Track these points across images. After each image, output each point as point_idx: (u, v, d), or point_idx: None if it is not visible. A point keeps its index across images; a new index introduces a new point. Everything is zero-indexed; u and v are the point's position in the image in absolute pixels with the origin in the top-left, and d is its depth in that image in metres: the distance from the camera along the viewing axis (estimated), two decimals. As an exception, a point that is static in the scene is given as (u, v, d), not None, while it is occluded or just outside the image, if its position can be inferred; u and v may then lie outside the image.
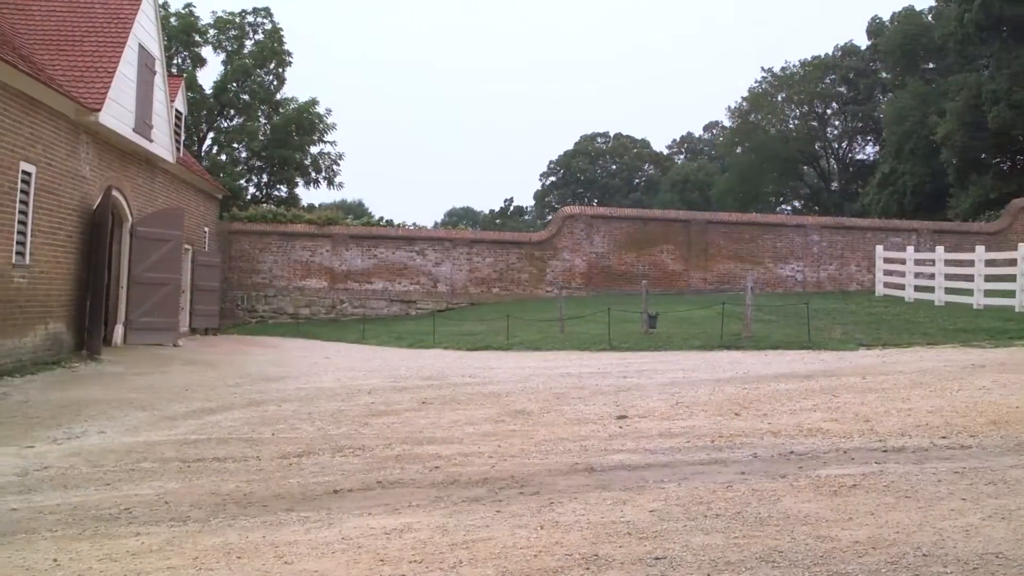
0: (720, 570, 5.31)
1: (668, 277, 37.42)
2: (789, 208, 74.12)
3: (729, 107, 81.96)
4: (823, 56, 67.74)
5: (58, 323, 19.65)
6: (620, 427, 10.81)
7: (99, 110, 20.01)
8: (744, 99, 70.09)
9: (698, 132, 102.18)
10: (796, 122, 69.38)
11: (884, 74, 63.47)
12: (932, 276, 29.35)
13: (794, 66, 68.81)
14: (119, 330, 23.23)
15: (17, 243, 17.44)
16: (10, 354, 17.22)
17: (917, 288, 30.16)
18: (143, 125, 23.39)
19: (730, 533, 6.01)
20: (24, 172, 17.62)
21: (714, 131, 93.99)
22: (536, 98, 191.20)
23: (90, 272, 20.98)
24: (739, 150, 69.66)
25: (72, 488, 8.22)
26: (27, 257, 17.89)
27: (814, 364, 17.09)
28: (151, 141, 24.24)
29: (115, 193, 22.61)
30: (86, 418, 12.53)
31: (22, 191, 17.59)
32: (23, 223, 17.71)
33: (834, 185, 70.43)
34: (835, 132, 70.39)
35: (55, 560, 5.92)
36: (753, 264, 36.91)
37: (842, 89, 67.31)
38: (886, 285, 32.78)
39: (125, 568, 5.71)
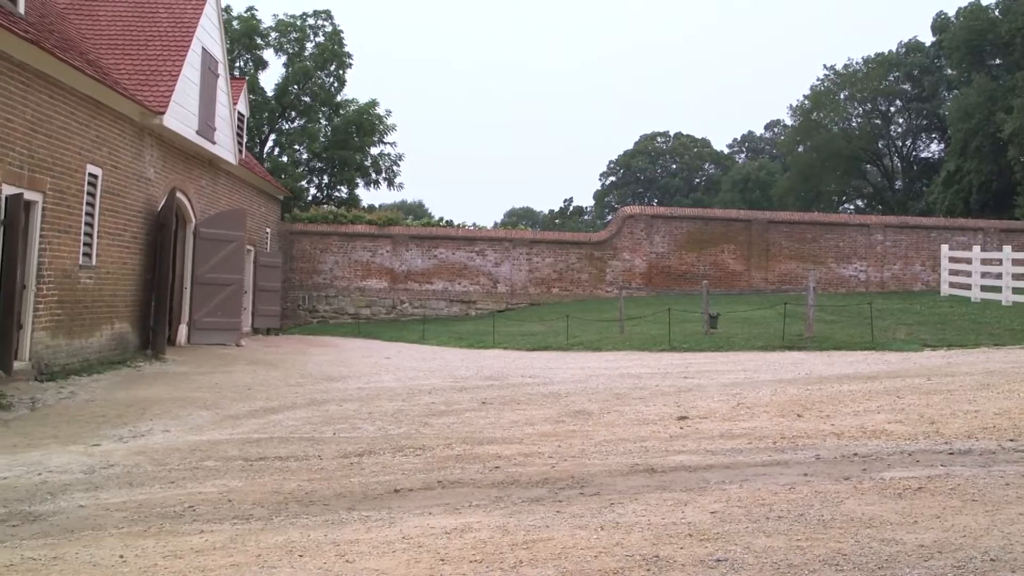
0: (783, 573, 5.25)
1: (729, 277, 37.18)
2: (852, 207, 73.25)
3: (791, 105, 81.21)
4: (887, 53, 66.79)
5: (124, 323, 19.94)
6: (681, 428, 10.74)
7: (163, 113, 20.26)
8: (806, 97, 69.27)
9: (759, 131, 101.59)
10: (859, 120, 68.48)
11: (949, 70, 62.43)
12: (999, 276, 28.85)
13: (857, 64, 67.94)
14: (183, 330, 23.52)
15: (84, 244, 17.71)
16: (78, 353, 17.50)
17: (983, 288, 29.67)
18: (206, 127, 23.65)
19: (792, 535, 5.93)
20: (91, 175, 17.90)
21: (775, 130, 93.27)
22: (596, 98, 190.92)
23: (155, 273, 21.25)
24: (801, 149, 68.89)
25: (137, 486, 8.33)
26: (93, 258, 18.16)
27: (878, 365, 16.87)
28: (214, 143, 24.51)
29: (179, 195, 22.89)
30: (151, 417, 12.70)
31: (89, 193, 17.87)
32: (90, 225, 17.98)
33: (898, 184, 69.46)
34: (899, 130, 69.42)
35: (121, 556, 5.99)
36: (815, 264, 36.55)
37: (906, 86, 66.35)
38: (951, 285, 32.26)
39: (189, 565, 5.76)
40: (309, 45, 48.72)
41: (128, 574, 5.62)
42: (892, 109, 68.32)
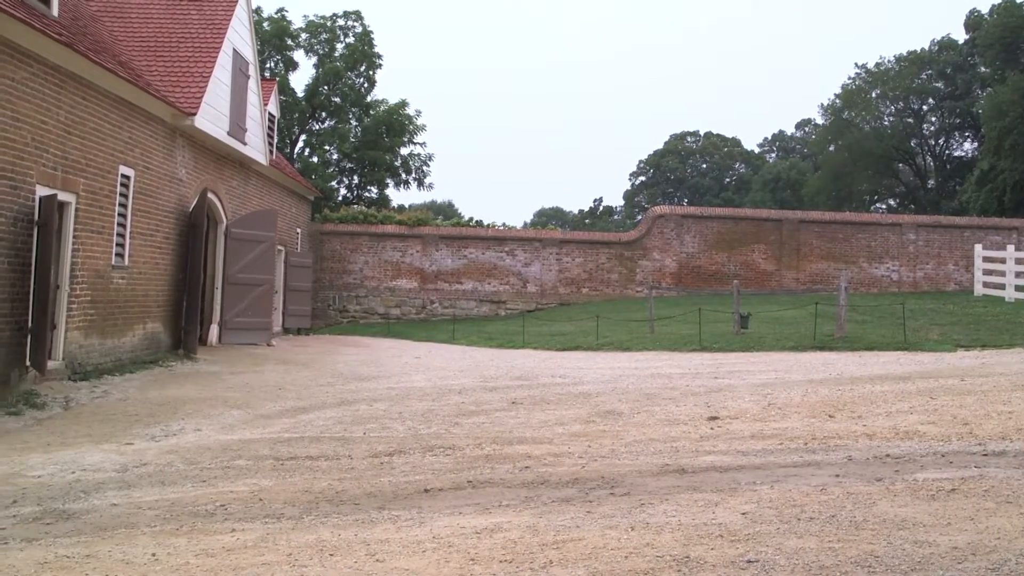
0: (814, 574, 5.22)
1: (760, 277, 37.03)
2: (884, 207, 72.77)
3: (822, 104, 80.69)
4: (919, 51, 66.33)
5: (156, 323, 20.07)
6: (711, 428, 10.70)
7: (195, 114, 20.37)
8: (837, 96, 68.90)
9: (790, 130, 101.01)
10: (891, 119, 68.02)
11: (983, 68, 61.91)
12: (1034, 275, 28.60)
13: (889, 62, 67.53)
14: (214, 330, 23.65)
15: (116, 245, 17.84)
16: (110, 353, 17.63)
17: (1018, 288, 29.38)
18: (237, 128, 23.77)
19: (824, 537, 5.89)
20: (123, 176, 18.03)
21: (806, 129, 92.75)
22: (626, 98, 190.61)
23: (186, 273, 21.38)
24: (832, 148, 68.45)
25: (169, 484, 8.38)
26: (126, 258, 18.30)
27: (910, 365, 16.75)
28: (245, 144, 24.63)
29: (210, 195, 23.02)
30: (183, 416, 12.77)
31: (121, 194, 18.00)
32: (122, 225, 18.12)
33: (930, 183, 68.92)
34: (931, 129, 68.89)
35: (153, 554, 6.03)
36: (847, 264, 36.33)
37: (939, 84, 65.84)
38: (985, 285, 31.96)
39: (221, 563, 5.79)
40: (339, 46, 48.91)
41: (160, 572, 5.65)
42: (925, 107, 67.82)
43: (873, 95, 67.82)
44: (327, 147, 48.33)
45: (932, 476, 7.66)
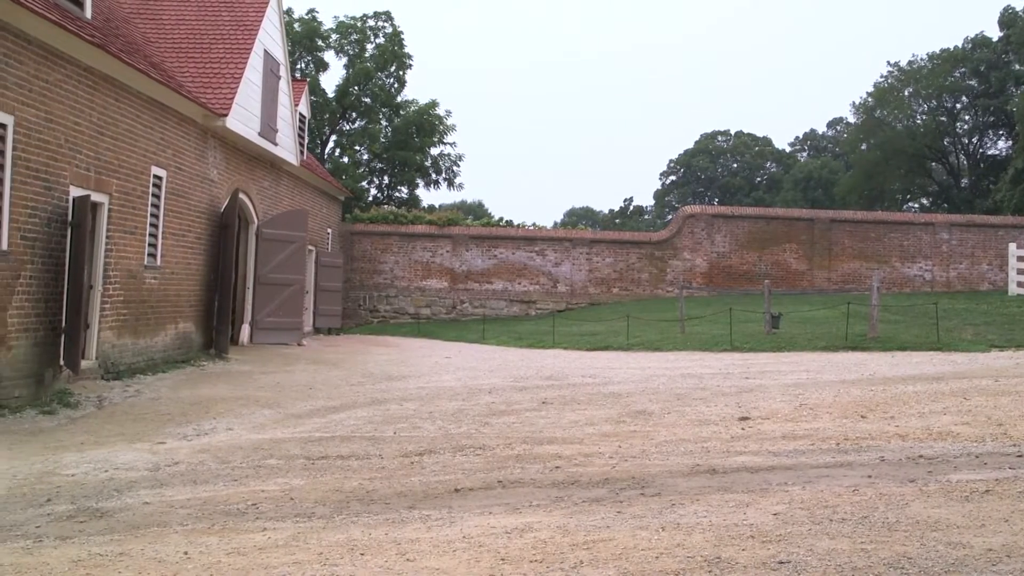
0: (847, 576, 5.19)
1: (791, 277, 36.85)
2: (916, 206, 72.17)
3: (854, 103, 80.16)
4: (952, 49, 65.72)
5: (187, 323, 20.19)
6: (742, 428, 10.66)
7: (226, 115, 20.48)
8: (869, 94, 68.38)
9: (821, 129, 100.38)
10: (924, 117, 67.39)
11: (1017, 66, 61.31)
12: (1069, 275, 28.32)
13: (922, 60, 66.90)
14: (245, 329, 23.78)
15: (149, 245, 17.96)
16: (143, 353, 17.75)
17: (1053, 287, 29.12)
18: (268, 129, 23.88)
19: (856, 538, 5.85)
20: (156, 176, 18.15)
21: (838, 128, 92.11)
22: (656, 97, 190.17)
23: (218, 273, 21.50)
24: (864, 147, 67.91)
25: (201, 483, 8.43)
26: (158, 259, 18.42)
27: (944, 366, 16.62)
28: (276, 145, 24.74)
29: (241, 196, 23.14)
30: (215, 415, 12.85)
31: (154, 195, 18.12)
32: (154, 226, 18.24)
33: (964, 182, 68.27)
34: (965, 127, 68.21)
35: (185, 553, 6.06)
36: (879, 263, 36.12)
37: (972, 82, 65.20)
38: (1020, 284, 31.68)
39: (252, 562, 5.81)
40: (369, 47, 49.02)
41: (192, 571, 5.68)
42: (958, 106, 67.18)
43: (906, 93, 67.24)
44: (357, 147, 48.46)
45: (966, 477, 7.60)
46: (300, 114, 28.72)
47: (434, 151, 49.26)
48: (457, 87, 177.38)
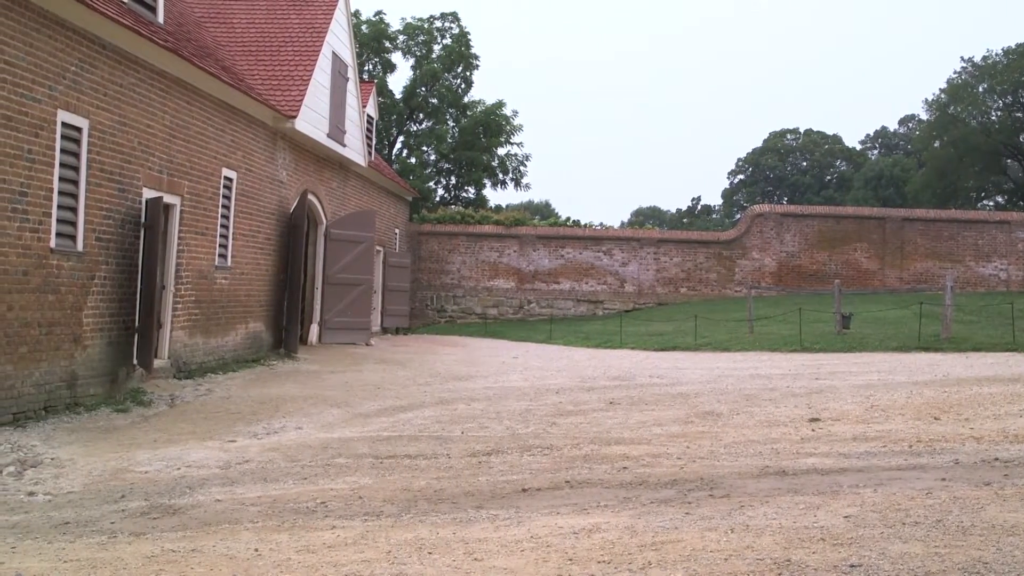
0: (921, 580, 5.10)
1: (861, 276, 36.37)
2: (991, 204, 70.88)
3: (926, 100, 78.90)
4: (1028, 43, 64.46)
5: (257, 322, 20.41)
6: (812, 430, 10.54)
7: (295, 117, 20.67)
8: (942, 91, 67.23)
9: (893, 126, 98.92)
10: (999, 113, 66.13)
11: (1095, 60, 59.98)
12: None
13: (997, 55, 65.67)
14: (314, 329, 23.98)
15: (219, 246, 18.19)
16: (214, 352, 17.98)
17: None
18: (336, 130, 24.06)
19: (930, 542, 5.75)
20: (226, 178, 18.37)
21: (910, 125, 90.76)
22: (724, 95, 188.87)
23: (287, 273, 21.71)
24: (937, 144, 66.82)
25: (271, 481, 8.51)
26: (229, 259, 18.64)
27: (1020, 367, 16.30)
28: (344, 146, 24.92)
29: (310, 197, 23.35)
30: (284, 414, 12.97)
31: (224, 196, 18.35)
32: (225, 227, 18.46)
33: (1040, 179, 66.95)
34: (1042, 123, 66.86)
35: (256, 550, 6.12)
36: (952, 263, 35.51)
37: (1050, 77, 63.91)
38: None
39: (322, 560, 5.85)
40: (436, 47, 49.16)
41: (263, 567, 5.73)
42: (1034, 101, 65.88)
43: (980, 89, 66.06)
44: (424, 148, 48.62)
45: (1044, 480, 7.44)
46: (368, 115, 28.91)
47: (501, 151, 49.28)
48: (523, 81, 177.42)
